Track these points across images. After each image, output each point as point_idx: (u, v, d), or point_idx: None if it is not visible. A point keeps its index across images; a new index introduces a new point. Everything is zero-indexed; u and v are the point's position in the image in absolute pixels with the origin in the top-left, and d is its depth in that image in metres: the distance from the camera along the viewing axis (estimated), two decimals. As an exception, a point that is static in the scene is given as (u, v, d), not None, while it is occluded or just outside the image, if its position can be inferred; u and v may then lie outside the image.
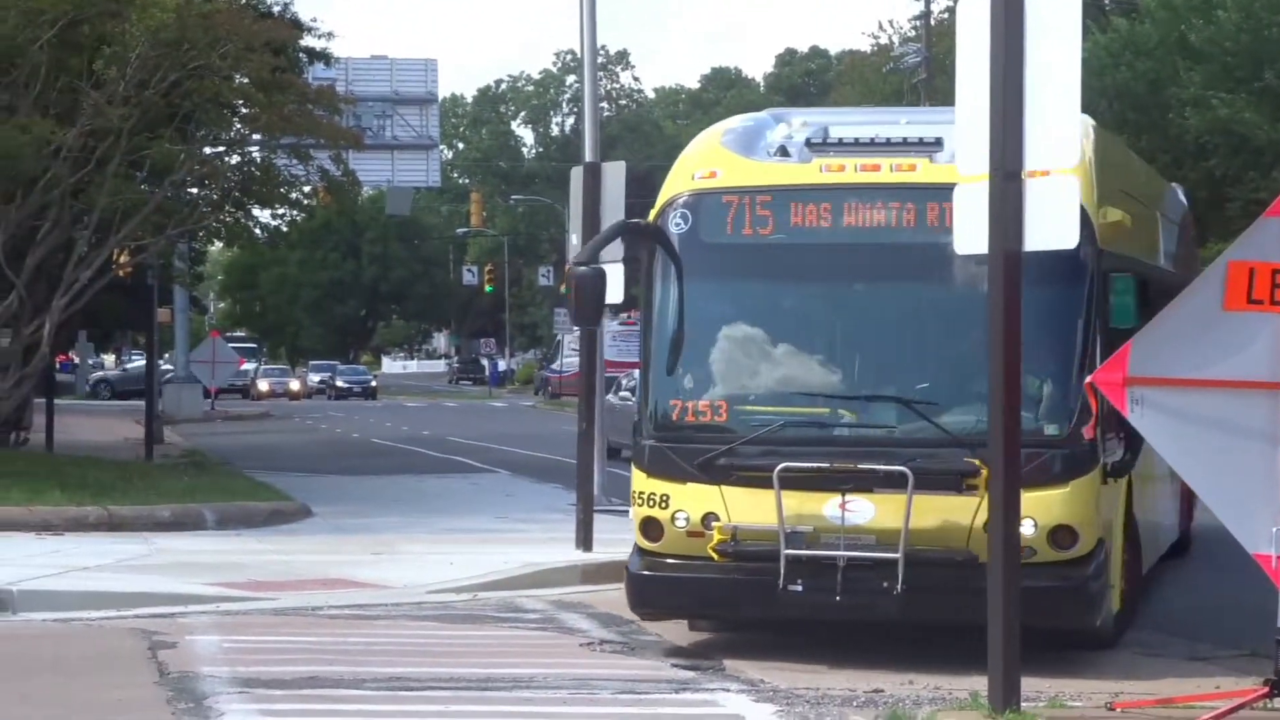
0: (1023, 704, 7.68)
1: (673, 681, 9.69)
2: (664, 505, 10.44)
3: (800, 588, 9.90)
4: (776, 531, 9.90)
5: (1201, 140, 33.16)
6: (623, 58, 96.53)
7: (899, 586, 9.65)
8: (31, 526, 16.65)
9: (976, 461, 9.49)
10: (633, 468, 10.77)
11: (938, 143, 10.85)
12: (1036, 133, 7.55)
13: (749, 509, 10.10)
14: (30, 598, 12.97)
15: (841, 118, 13.84)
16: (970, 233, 7.92)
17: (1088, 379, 8.23)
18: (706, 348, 11.05)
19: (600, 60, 24.97)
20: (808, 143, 11.19)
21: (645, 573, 10.64)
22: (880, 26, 65.09)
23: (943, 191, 9.69)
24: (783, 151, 11.16)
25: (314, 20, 30.33)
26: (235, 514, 19.04)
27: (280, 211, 26.36)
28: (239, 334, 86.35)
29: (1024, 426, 9.34)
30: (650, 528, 10.46)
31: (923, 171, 10.60)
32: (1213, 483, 7.75)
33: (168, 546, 16.42)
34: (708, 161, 11.40)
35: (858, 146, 11.11)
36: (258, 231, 27.23)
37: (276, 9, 27.65)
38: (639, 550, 10.67)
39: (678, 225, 10.97)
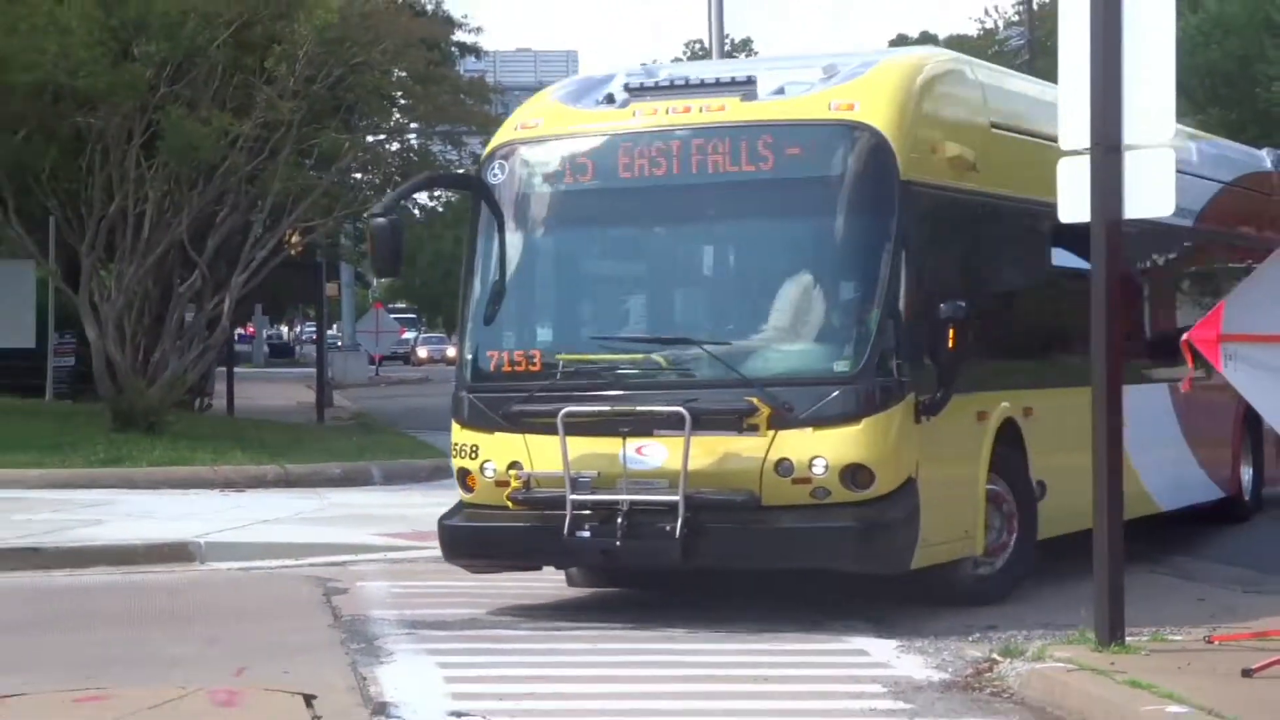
0: (1127, 638, 7.86)
1: (805, 621, 9.92)
2: (474, 456, 10.13)
3: (587, 533, 9.55)
4: (563, 477, 9.52)
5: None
6: (746, 45, 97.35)
7: (679, 530, 9.22)
8: (216, 484, 17.21)
9: (755, 400, 9.26)
10: (452, 420, 10.47)
11: (749, 81, 10.43)
12: (1134, 109, 7.69)
13: (547, 457, 9.68)
14: (216, 549, 13.38)
15: (684, 69, 13.35)
16: (1073, 202, 8.07)
17: (1184, 337, 7.97)
18: (516, 298, 10.59)
19: (726, 48, 25.36)
20: (626, 88, 10.62)
21: (453, 523, 10.40)
22: (985, 12, 64.36)
23: (748, 130, 9.93)
24: (608, 99, 10.68)
25: (464, 17, 31.33)
26: (400, 471, 19.51)
27: (436, 194, 27.40)
28: (400, 305, 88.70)
29: (812, 363, 9.69)
30: (465, 479, 10.16)
31: (731, 111, 10.13)
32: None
33: (339, 501, 16.88)
34: (534, 113, 11.07)
35: (673, 89, 10.64)
36: (416, 212, 28.19)
37: (430, 7, 28.44)
38: (459, 502, 10.45)
39: (494, 175, 10.58)
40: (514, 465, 9.67)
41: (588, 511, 9.42)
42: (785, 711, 7.48)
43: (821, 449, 9.22)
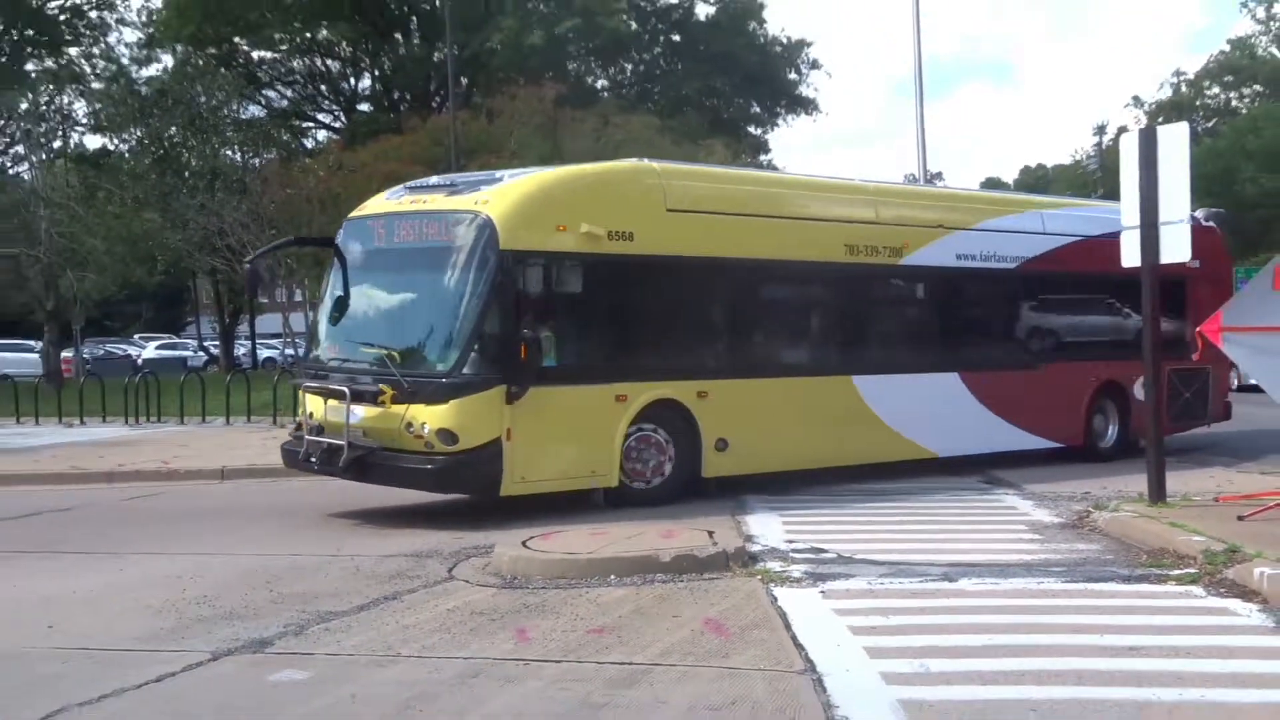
0: (1167, 499, 11.32)
1: (978, 489, 14.13)
2: (301, 408, 13.22)
3: (314, 458, 12.34)
4: (303, 423, 12.78)
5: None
6: (938, 175, 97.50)
7: (343, 460, 11.92)
8: None
9: (383, 385, 11.66)
10: None
11: (452, 184, 12.90)
12: (1165, 202, 11.04)
13: (307, 411, 12.78)
14: None
15: (459, 175, 15.30)
16: (1129, 255, 11.60)
17: (1198, 328, 11.27)
18: (322, 317, 13.32)
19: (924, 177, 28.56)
20: (407, 187, 13.36)
21: (284, 445, 13.40)
22: (1075, 150, 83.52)
23: (429, 214, 12.41)
24: (397, 193, 13.29)
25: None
26: None
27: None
28: None
29: (430, 365, 11.89)
30: (299, 422, 13.31)
31: (431, 203, 12.47)
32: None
33: None
34: (371, 203, 13.69)
35: (426, 189, 13.02)
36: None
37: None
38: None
39: (338, 238, 13.33)
40: (308, 414, 12.77)
41: (315, 444, 12.37)
42: (972, 535, 11.03)
43: (427, 418, 11.49)
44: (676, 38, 44.73)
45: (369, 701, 6.21)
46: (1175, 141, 11.09)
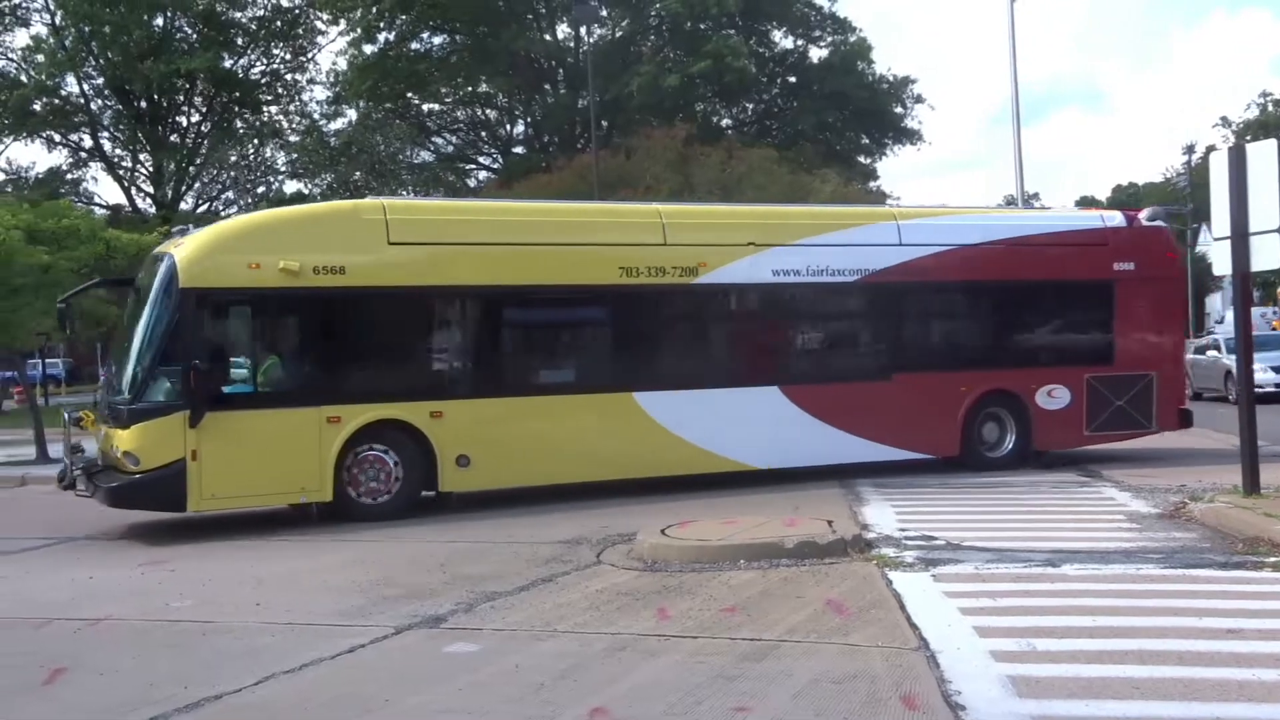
0: (1261, 490, 10.67)
1: (1077, 482, 13.57)
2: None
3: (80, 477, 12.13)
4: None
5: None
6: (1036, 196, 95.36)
7: (86, 483, 11.90)
8: None
9: (106, 414, 11.98)
10: None
11: (184, 230, 13.06)
12: (1255, 214, 10.45)
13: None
14: None
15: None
16: (1219, 264, 11.08)
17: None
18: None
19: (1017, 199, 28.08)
20: (178, 231, 13.56)
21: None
22: (1166, 168, 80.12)
23: (151, 257, 12.66)
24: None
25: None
26: None
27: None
28: None
29: (123, 395, 11.71)
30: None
31: (162, 245, 12.78)
32: None
33: None
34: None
35: (178, 234, 13.32)
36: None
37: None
38: None
39: (136, 278, 12.98)
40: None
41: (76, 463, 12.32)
42: (1073, 524, 10.63)
43: (119, 441, 11.44)
44: (793, 79, 44.48)
45: (531, 671, 6.27)
46: (1263, 157, 10.53)
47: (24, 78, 43.84)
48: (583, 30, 37.69)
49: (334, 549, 10.57)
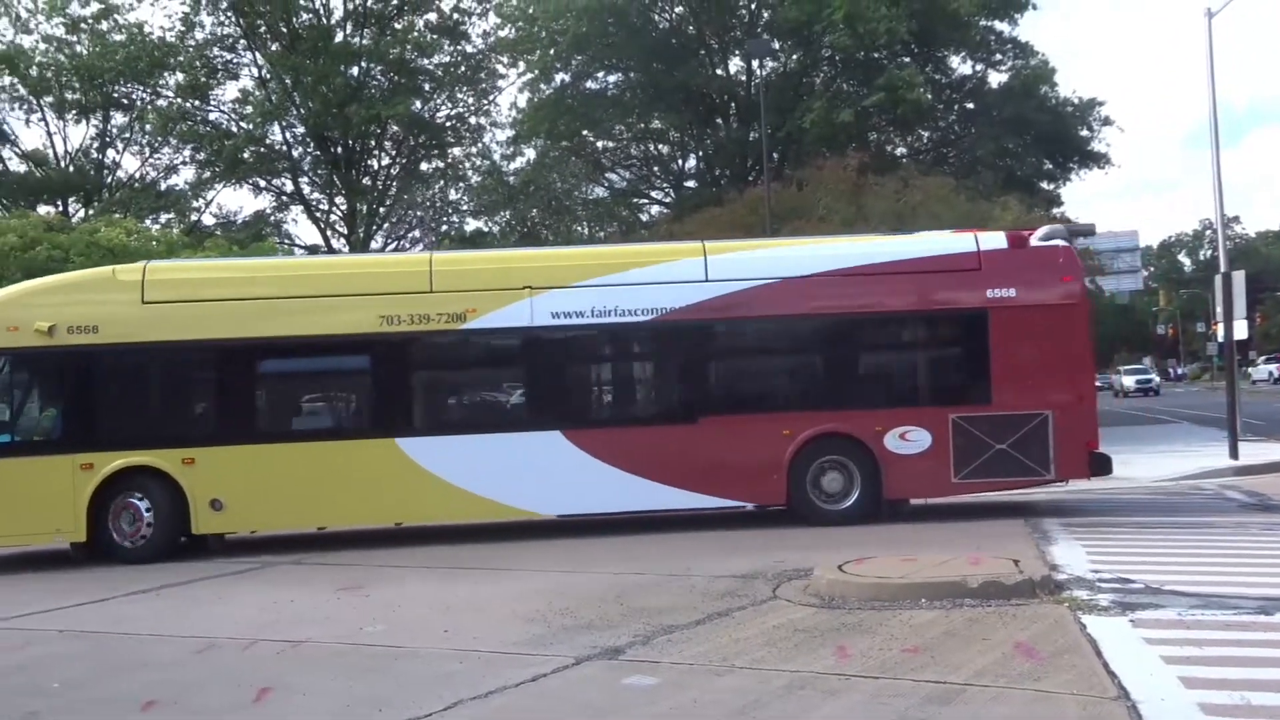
0: None
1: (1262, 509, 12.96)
2: None
3: None
4: None
5: None
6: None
7: None
8: None
9: None
10: None
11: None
12: None
13: None
14: None
15: None
16: None
17: None
18: None
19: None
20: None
21: None
22: None
23: None
24: None
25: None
26: None
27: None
28: None
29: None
30: None
31: None
32: None
33: None
34: None
35: None
36: None
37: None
38: None
39: None
40: None
41: None
42: None
43: None
44: (971, 105, 43.44)
45: (709, 706, 6.23)
46: None
47: (234, 128, 46.78)
48: (755, 64, 37.78)
49: (517, 578, 10.78)
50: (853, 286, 13.47)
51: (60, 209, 44.81)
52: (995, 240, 13.68)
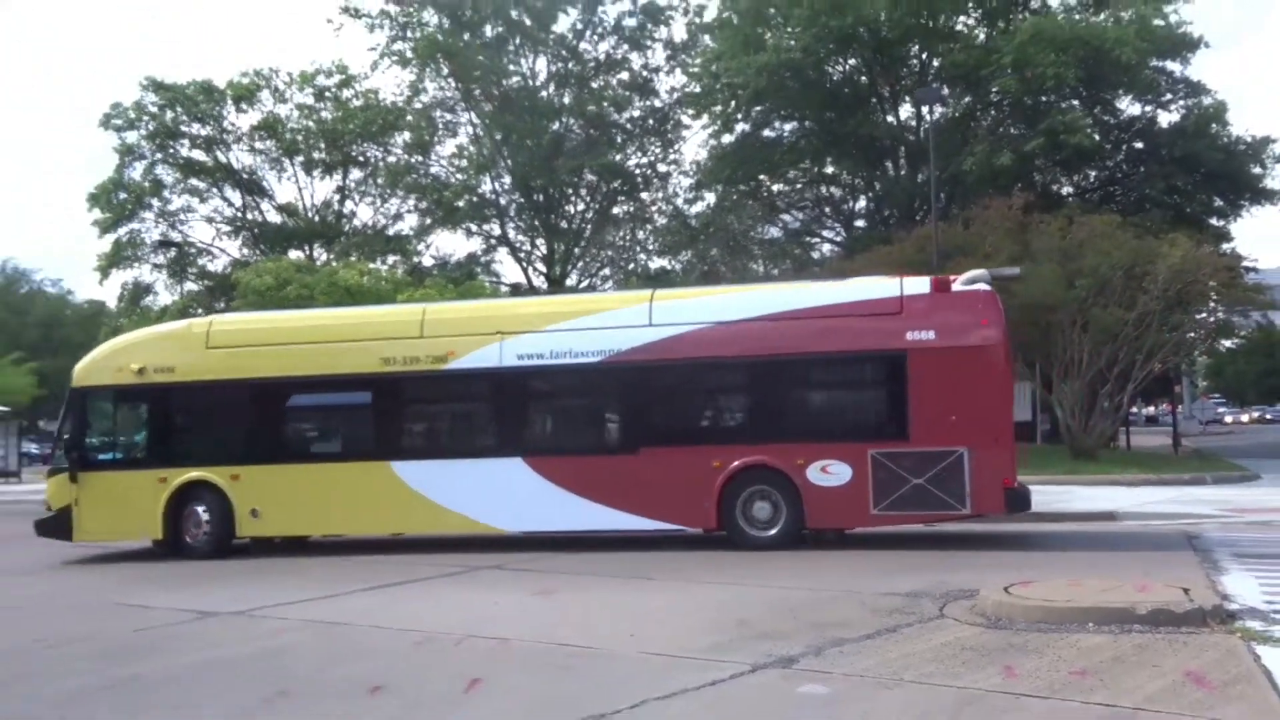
0: None
1: None
2: None
3: None
4: None
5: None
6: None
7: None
8: (1123, 484, 20.68)
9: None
10: None
11: None
12: None
13: None
14: (1126, 514, 15.59)
15: None
16: None
17: None
18: None
19: None
20: None
21: None
22: None
23: None
24: None
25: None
26: (1222, 477, 22.50)
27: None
28: (1215, 394, 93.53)
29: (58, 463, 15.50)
30: None
31: None
32: None
33: (1184, 493, 19.40)
34: None
35: None
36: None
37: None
38: None
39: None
40: None
41: None
42: None
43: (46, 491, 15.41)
44: (1139, 144, 41.28)
45: (879, 717, 6.08)
46: None
47: (451, 180, 48.86)
48: (924, 110, 37.02)
49: (697, 590, 10.78)
50: (779, 330, 13.45)
51: (307, 253, 47.74)
52: (919, 285, 13.26)
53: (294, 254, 46.19)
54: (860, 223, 45.66)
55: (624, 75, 49.37)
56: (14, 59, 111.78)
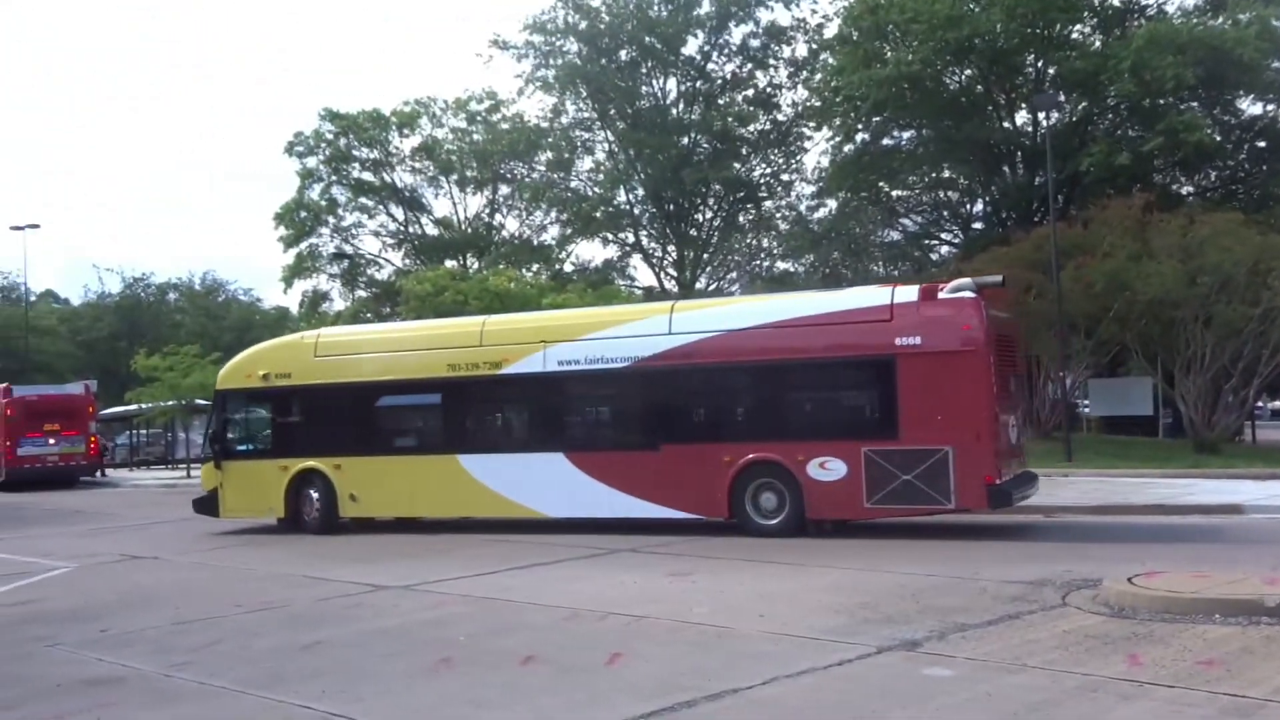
0: None
1: None
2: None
3: None
4: None
5: None
6: None
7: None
8: (1247, 478, 18.28)
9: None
10: None
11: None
12: None
13: None
14: (1254, 506, 14.16)
15: None
16: None
17: None
18: None
19: None
20: None
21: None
22: None
23: None
24: None
25: None
26: None
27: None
28: None
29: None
30: None
31: None
32: None
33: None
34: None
35: None
36: None
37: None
38: None
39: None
40: None
41: None
42: None
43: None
44: (1262, 144, 38.74)
45: (1003, 700, 5.88)
46: None
47: (588, 193, 49.55)
48: (1041, 116, 35.62)
49: (820, 574, 10.63)
50: (782, 336, 13.63)
51: (461, 262, 49.14)
52: (908, 294, 13.12)
53: (449, 263, 47.62)
54: (978, 225, 44.22)
55: (749, 92, 49.10)
56: (206, 93, 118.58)
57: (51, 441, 31.64)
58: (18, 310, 57.41)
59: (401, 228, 52.09)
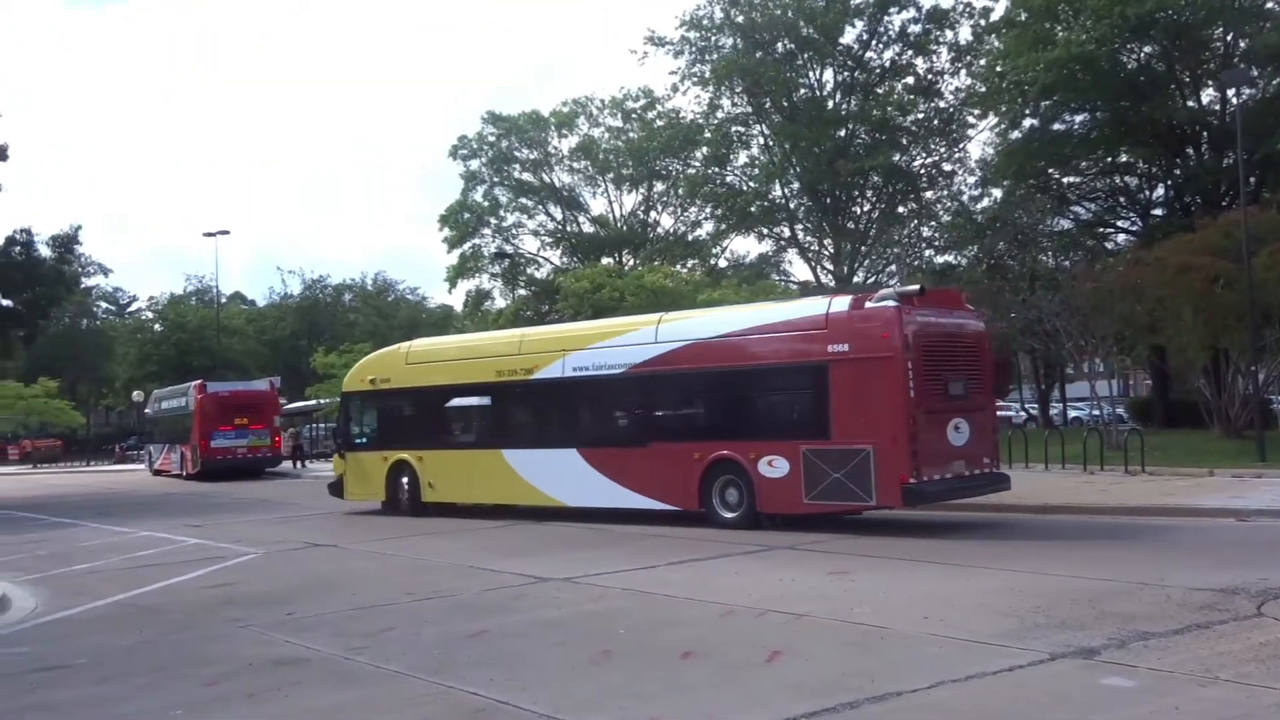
0: None
1: None
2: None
3: None
4: None
5: None
6: None
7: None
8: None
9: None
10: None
11: None
12: None
13: None
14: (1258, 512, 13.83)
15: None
16: None
17: None
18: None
19: None
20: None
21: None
22: None
23: None
24: None
25: None
26: None
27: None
28: None
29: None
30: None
31: None
32: None
33: None
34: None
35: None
36: None
37: None
38: None
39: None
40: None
41: None
42: None
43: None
44: None
45: (1191, 715, 5.52)
46: None
47: (744, 188, 49.34)
48: (1230, 93, 33.14)
49: (986, 576, 10.26)
50: (740, 344, 14.78)
51: (617, 259, 49.84)
52: (841, 304, 13.91)
53: (606, 261, 48.38)
54: (1158, 211, 41.59)
55: (909, 80, 47.78)
56: (375, 100, 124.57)
57: (241, 435, 34.01)
58: (210, 311, 61.94)
59: (560, 226, 53.29)
